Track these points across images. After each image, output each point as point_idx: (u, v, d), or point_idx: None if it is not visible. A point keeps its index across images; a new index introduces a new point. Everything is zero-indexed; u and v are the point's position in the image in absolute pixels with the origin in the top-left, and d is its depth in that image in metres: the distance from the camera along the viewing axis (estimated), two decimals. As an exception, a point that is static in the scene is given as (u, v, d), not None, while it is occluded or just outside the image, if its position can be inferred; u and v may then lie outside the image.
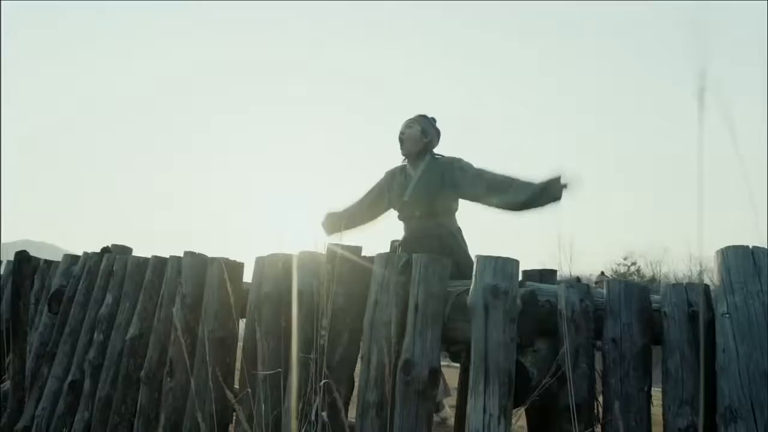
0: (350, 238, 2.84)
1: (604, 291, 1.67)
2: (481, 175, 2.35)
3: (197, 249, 2.34)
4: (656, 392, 1.54)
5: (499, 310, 1.45)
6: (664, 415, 1.50)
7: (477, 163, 2.46)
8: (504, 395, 1.39)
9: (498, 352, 1.42)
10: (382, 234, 2.86)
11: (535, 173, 2.26)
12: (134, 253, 3.01)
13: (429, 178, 2.45)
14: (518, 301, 1.46)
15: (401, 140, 2.58)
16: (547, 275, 2.34)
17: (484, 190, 2.32)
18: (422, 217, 2.44)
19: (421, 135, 2.54)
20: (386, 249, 2.67)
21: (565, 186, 2.16)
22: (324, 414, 1.59)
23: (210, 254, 2.30)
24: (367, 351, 1.66)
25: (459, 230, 2.47)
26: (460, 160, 2.45)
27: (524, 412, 1.75)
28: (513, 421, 1.47)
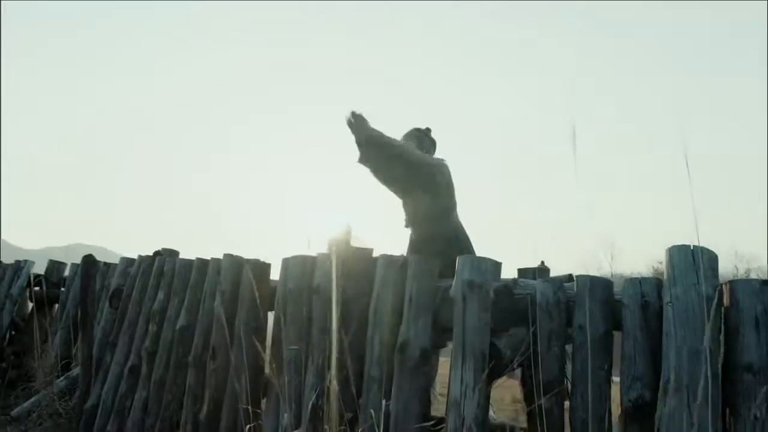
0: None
1: (574, 285, 1.94)
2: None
3: (232, 250, 2.72)
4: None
5: (475, 301, 1.75)
6: (620, 389, 1.76)
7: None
8: (478, 370, 1.70)
9: (473, 335, 1.72)
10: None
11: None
12: (180, 256, 3.43)
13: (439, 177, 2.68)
14: (491, 293, 1.75)
15: None
16: (541, 273, 2.61)
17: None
18: (424, 220, 2.69)
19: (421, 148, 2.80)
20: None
21: (350, 123, 2.35)
22: (336, 387, 1.93)
23: (244, 255, 2.68)
24: (372, 335, 1.99)
25: (459, 228, 2.68)
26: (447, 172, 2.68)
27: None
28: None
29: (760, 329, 1.61)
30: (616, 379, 1.86)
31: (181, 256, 3.41)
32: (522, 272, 2.66)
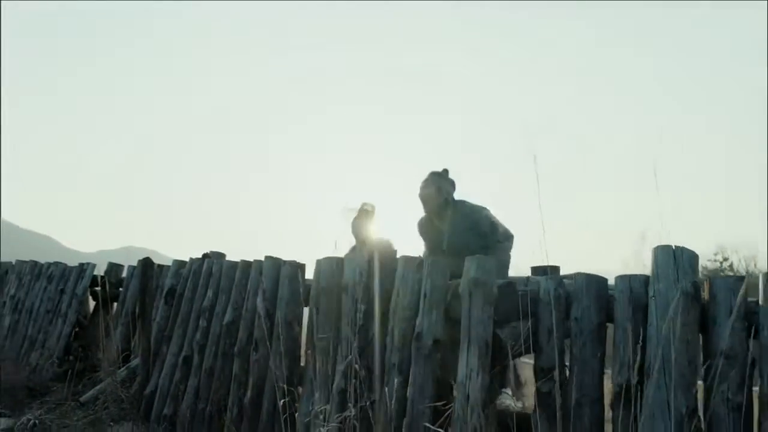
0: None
1: (573, 282, 2.16)
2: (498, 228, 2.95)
3: (272, 251, 3.04)
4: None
5: (479, 296, 2.00)
6: (611, 374, 1.98)
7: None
8: (481, 356, 1.95)
9: (478, 326, 1.97)
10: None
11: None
12: (227, 258, 3.78)
13: (460, 228, 3.01)
14: (494, 289, 2.00)
15: (422, 201, 3.15)
16: (552, 271, 2.83)
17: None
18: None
19: (436, 193, 3.10)
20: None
21: None
22: (362, 372, 2.21)
23: (282, 257, 3.00)
24: (392, 326, 2.26)
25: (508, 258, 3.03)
26: (487, 212, 3.02)
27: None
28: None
29: (733, 320, 1.80)
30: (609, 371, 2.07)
31: (227, 258, 3.77)
32: (535, 270, 2.88)
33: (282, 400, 2.42)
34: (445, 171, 3.19)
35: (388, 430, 2.06)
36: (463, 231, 2.99)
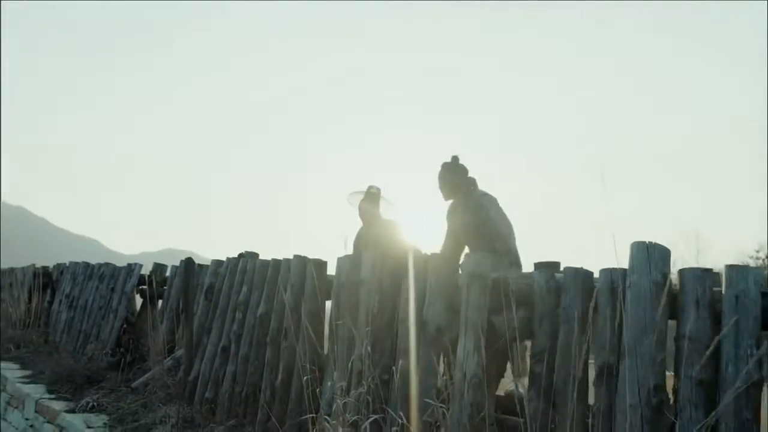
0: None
1: (563, 275, 2.41)
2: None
3: (303, 249, 3.38)
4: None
5: (476, 287, 2.28)
6: (594, 356, 2.23)
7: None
8: (477, 339, 2.23)
9: (474, 313, 2.26)
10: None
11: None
12: (260, 257, 4.15)
13: (475, 211, 3.30)
14: (489, 281, 2.28)
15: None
16: (553, 265, 3.07)
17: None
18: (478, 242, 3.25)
19: (443, 184, 3.48)
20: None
21: None
22: (375, 356, 2.52)
23: (308, 255, 3.33)
24: (404, 316, 2.56)
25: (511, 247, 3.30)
26: (486, 206, 3.31)
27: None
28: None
29: (699, 307, 2.03)
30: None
31: (260, 257, 4.13)
32: (537, 265, 3.13)
33: (306, 377, 2.75)
34: (455, 158, 3.46)
35: (399, 403, 2.36)
36: (473, 221, 3.27)
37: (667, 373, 2.16)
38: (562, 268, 3.06)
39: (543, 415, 2.23)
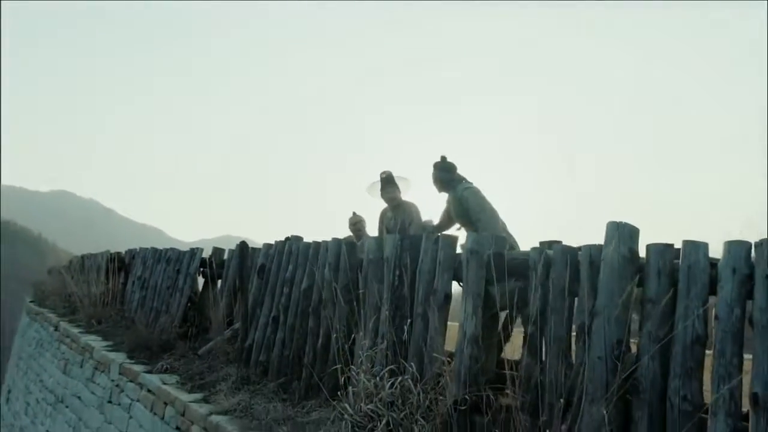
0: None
1: (552, 252, 2.82)
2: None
3: (335, 233, 3.91)
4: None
5: (474, 261, 2.72)
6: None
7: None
8: (475, 306, 2.68)
9: (473, 284, 2.71)
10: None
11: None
12: (304, 239, 4.70)
13: (458, 205, 3.83)
14: (485, 257, 2.72)
15: None
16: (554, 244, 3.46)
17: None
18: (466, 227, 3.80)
19: (434, 180, 4.13)
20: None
21: None
22: (397, 319, 3.01)
23: (341, 237, 3.85)
24: (417, 286, 3.04)
25: (495, 230, 3.75)
26: (466, 198, 3.78)
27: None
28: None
29: (661, 276, 2.40)
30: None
31: (304, 240, 4.69)
32: (542, 244, 3.53)
33: (338, 338, 3.28)
34: (443, 157, 4.02)
35: (412, 356, 2.85)
36: (458, 211, 3.81)
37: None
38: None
39: (532, 368, 2.66)
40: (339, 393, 2.87)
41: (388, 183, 4.57)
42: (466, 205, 3.89)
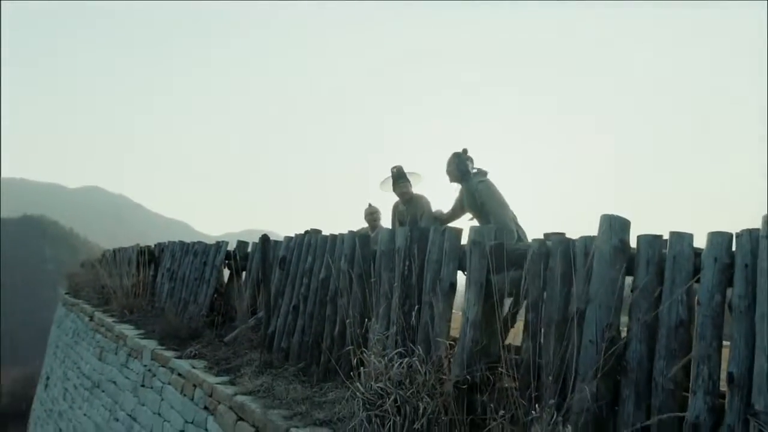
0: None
1: (551, 243, 3.00)
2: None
3: (351, 227, 4.15)
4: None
5: (476, 252, 2.93)
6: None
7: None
8: (477, 293, 2.88)
9: (475, 272, 2.91)
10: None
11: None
12: (322, 233, 4.95)
13: (471, 197, 3.99)
14: (486, 248, 2.92)
15: None
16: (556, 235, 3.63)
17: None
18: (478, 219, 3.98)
19: (448, 170, 4.23)
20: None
21: None
22: (406, 306, 3.24)
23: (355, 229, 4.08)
24: (425, 275, 3.25)
25: (505, 221, 3.93)
26: (480, 191, 3.94)
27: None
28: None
29: (649, 265, 2.57)
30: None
31: (322, 233, 4.94)
32: (546, 235, 3.71)
33: (359, 330, 3.51)
34: (465, 150, 4.17)
35: (419, 341, 3.07)
36: (471, 202, 3.98)
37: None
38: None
39: (530, 351, 2.86)
40: (352, 374, 3.11)
41: (399, 178, 4.80)
42: (480, 197, 4.03)
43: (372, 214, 5.82)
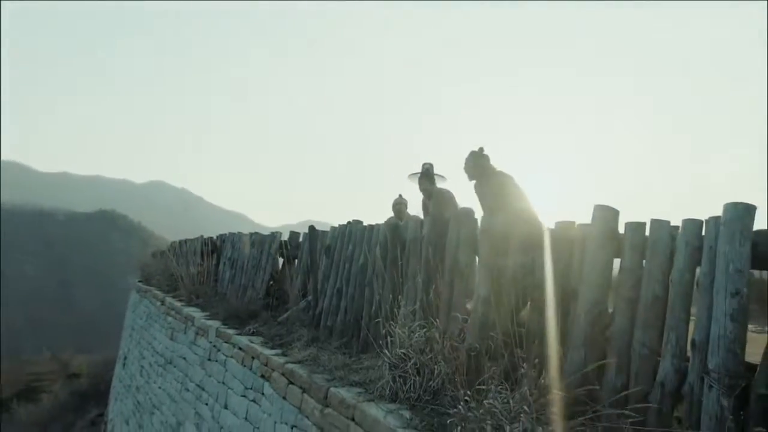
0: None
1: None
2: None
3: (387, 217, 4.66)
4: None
5: (486, 239, 3.39)
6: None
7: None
8: (487, 273, 3.35)
9: (485, 255, 3.38)
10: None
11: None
12: (363, 223, 5.51)
13: (486, 194, 4.39)
14: (494, 234, 3.37)
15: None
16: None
17: None
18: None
19: (467, 168, 4.54)
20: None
21: None
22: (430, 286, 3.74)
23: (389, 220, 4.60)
24: (445, 258, 3.74)
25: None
26: (495, 183, 4.34)
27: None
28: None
29: (633, 249, 2.95)
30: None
31: (363, 223, 5.50)
32: (557, 224, 4.10)
33: (390, 308, 4.05)
34: (481, 149, 4.56)
35: (439, 315, 3.57)
36: (489, 196, 4.37)
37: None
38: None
39: (535, 324, 3.30)
40: (382, 343, 3.64)
41: (425, 176, 5.28)
42: (495, 191, 4.44)
43: (398, 205, 6.32)
